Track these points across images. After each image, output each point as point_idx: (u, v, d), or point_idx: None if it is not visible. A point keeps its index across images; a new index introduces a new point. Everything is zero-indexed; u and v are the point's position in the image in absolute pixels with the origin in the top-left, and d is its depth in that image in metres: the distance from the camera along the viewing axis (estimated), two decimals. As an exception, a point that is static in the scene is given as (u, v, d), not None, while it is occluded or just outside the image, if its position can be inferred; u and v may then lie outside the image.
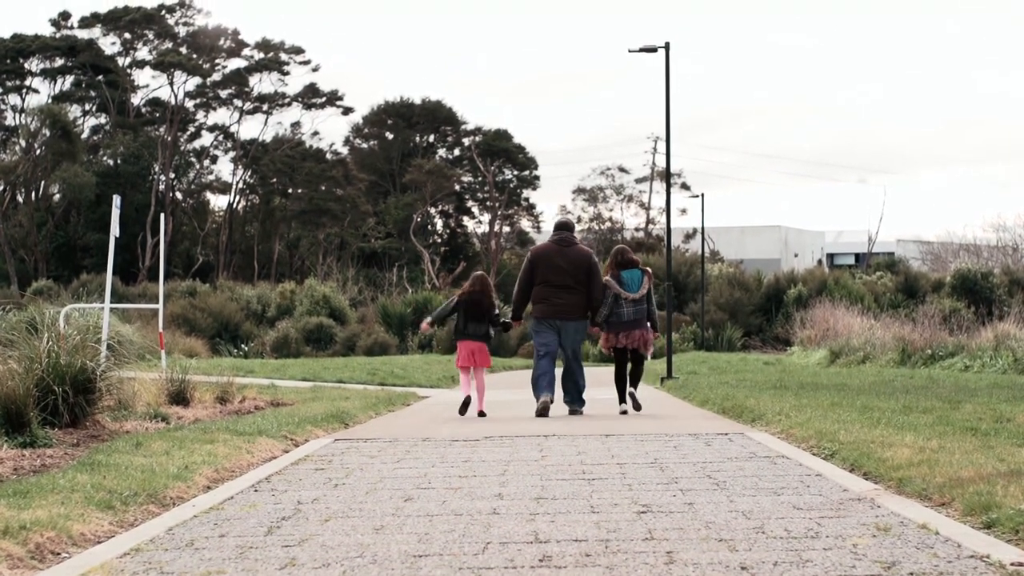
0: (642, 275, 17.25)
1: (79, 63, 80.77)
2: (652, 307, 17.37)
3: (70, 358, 13.31)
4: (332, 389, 24.66)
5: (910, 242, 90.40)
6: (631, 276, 17.19)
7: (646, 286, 17.27)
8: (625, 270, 17.22)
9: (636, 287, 17.19)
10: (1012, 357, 30.82)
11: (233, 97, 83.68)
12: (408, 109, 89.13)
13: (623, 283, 17.14)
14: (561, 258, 17.11)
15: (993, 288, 59.38)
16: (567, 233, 17.43)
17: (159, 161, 79.10)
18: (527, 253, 17.95)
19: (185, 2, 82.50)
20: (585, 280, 17.06)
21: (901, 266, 73.52)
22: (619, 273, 17.18)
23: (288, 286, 63.49)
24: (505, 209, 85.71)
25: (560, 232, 17.37)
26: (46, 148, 74.78)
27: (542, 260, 17.19)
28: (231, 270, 79.35)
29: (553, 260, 17.11)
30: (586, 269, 17.11)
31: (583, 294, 17.12)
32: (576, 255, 17.17)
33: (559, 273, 17.04)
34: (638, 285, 17.20)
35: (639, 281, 17.21)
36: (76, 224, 78.41)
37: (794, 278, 65.23)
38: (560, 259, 17.10)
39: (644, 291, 17.24)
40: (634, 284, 17.18)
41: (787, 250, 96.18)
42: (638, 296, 17.18)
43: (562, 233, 17.36)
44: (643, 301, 17.26)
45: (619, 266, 17.26)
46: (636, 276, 17.20)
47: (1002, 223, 77.63)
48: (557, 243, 17.27)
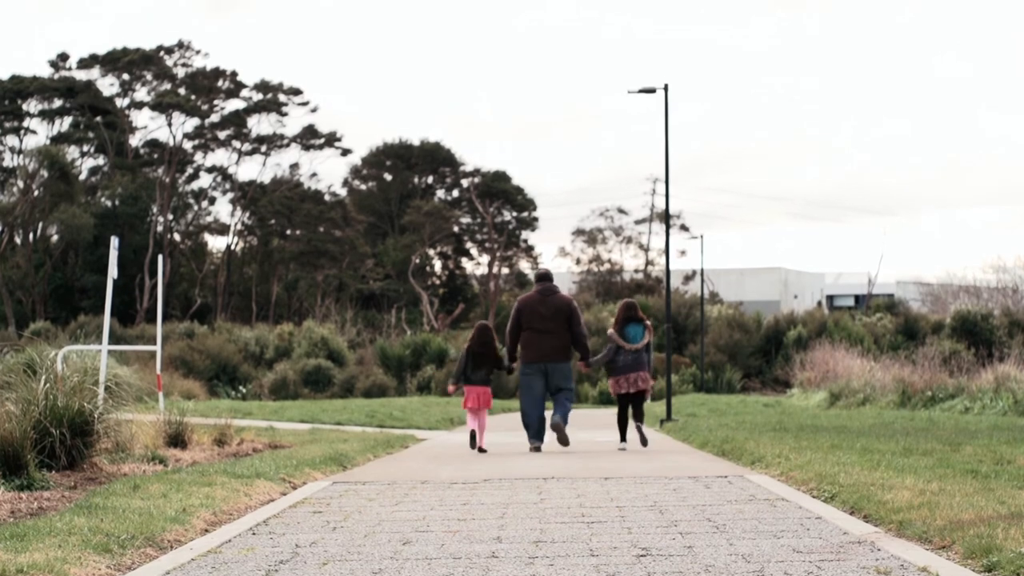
0: (644, 330, 19.09)
1: (77, 104, 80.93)
2: (648, 355, 19.18)
3: (68, 400, 13.26)
4: (330, 431, 24.60)
5: (910, 284, 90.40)
6: (634, 331, 19.06)
7: (646, 339, 19.10)
8: (629, 324, 19.11)
9: (637, 340, 19.05)
10: (1012, 399, 30.77)
11: (232, 138, 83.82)
12: (407, 150, 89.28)
13: (626, 337, 19.04)
14: (543, 306, 18.69)
15: (993, 330, 59.33)
16: (548, 283, 18.97)
17: (157, 202, 79.15)
18: (516, 303, 19.22)
19: (183, 43, 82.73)
20: (566, 324, 18.67)
21: (901, 308, 73.48)
22: (624, 328, 19.08)
23: (286, 328, 63.45)
24: (504, 250, 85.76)
25: (541, 283, 18.99)
26: (44, 189, 74.83)
27: (527, 309, 18.79)
28: (229, 312, 79.30)
29: (536, 309, 18.71)
30: (566, 315, 18.71)
31: (566, 337, 18.70)
32: (557, 303, 18.74)
33: (542, 320, 18.63)
34: (639, 338, 19.06)
35: (640, 335, 19.07)
36: (74, 265, 78.40)
37: (794, 320, 65.20)
38: (542, 307, 18.69)
39: (644, 343, 19.05)
40: (636, 338, 19.05)
41: (787, 292, 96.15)
42: (639, 347, 18.99)
43: (543, 283, 18.94)
44: (642, 351, 19.05)
45: (626, 320, 19.17)
46: (639, 331, 19.07)
47: (1002, 264, 77.49)
48: (540, 293, 18.84)
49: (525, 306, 18.89)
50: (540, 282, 19.07)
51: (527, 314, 18.78)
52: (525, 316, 18.78)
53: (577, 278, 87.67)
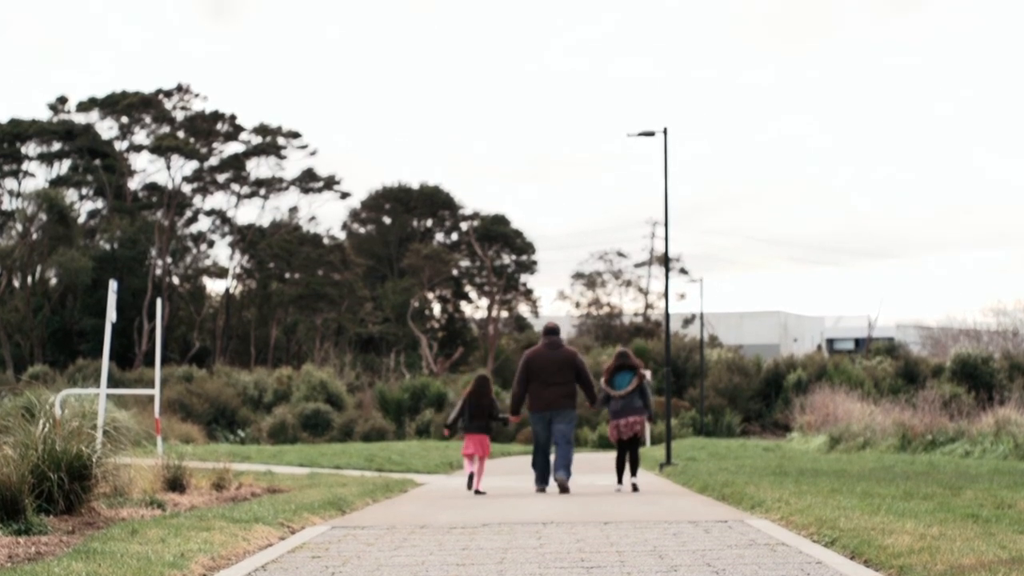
0: (632, 376, 20.24)
1: (76, 147, 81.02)
2: (646, 400, 20.36)
3: (66, 444, 13.22)
4: (329, 475, 24.54)
5: (910, 327, 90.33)
6: (622, 379, 20.26)
7: (633, 384, 20.20)
8: (619, 372, 20.34)
9: (624, 387, 20.23)
10: (1013, 443, 30.72)
11: (231, 181, 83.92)
12: (406, 194, 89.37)
13: (614, 384, 20.27)
14: (550, 360, 19.77)
15: (993, 373, 59.25)
16: (554, 337, 20.05)
17: (156, 246, 79.19)
18: (523, 356, 20.25)
19: (182, 86, 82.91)
20: (573, 376, 19.77)
21: (901, 351, 73.39)
22: (613, 376, 20.33)
23: (285, 371, 63.37)
24: (503, 294, 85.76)
25: (548, 336, 20.04)
26: (43, 232, 74.86)
27: (534, 362, 19.84)
28: (228, 355, 79.21)
29: (543, 361, 19.77)
30: (572, 367, 19.79)
31: (571, 388, 19.78)
32: (562, 356, 19.83)
33: (549, 372, 19.70)
34: (625, 385, 20.24)
35: (627, 382, 20.23)
36: (72, 309, 78.34)
37: (793, 363, 65.12)
38: (549, 360, 19.77)
39: (631, 388, 20.18)
40: (622, 384, 20.26)
41: (786, 335, 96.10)
42: (624, 393, 20.15)
43: (550, 337, 20.01)
44: (631, 396, 20.19)
45: (616, 369, 20.41)
46: (626, 378, 20.25)
47: (1002, 308, 77.36)
48: (547, 346, 19.91)
49: (533, 359, 19.88)
50: (548, 335, 20.07)
51: (535, 367, 19.78)
52: (533, 369, 19.79)
53: (576, 322, 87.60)
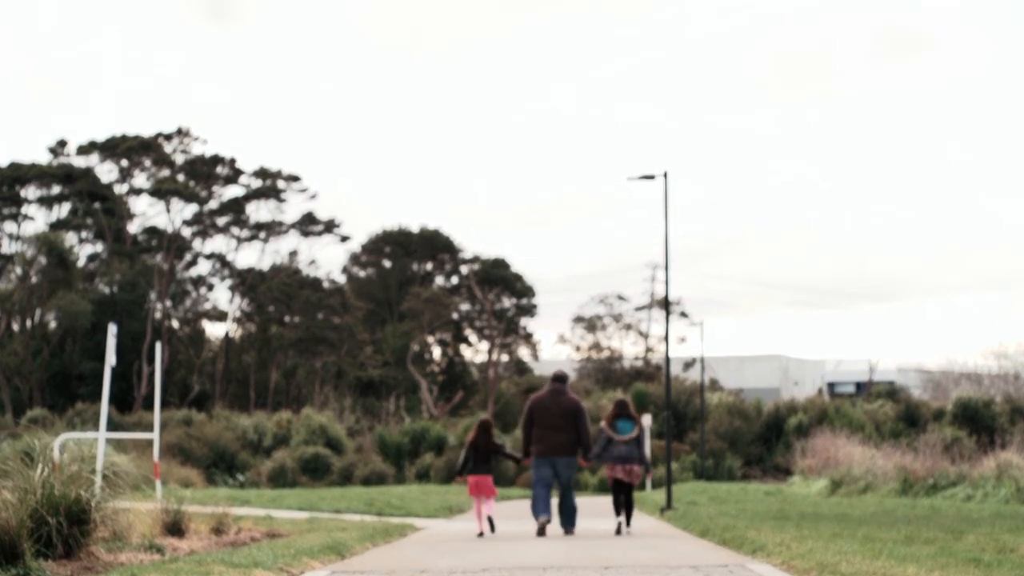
0: (633, 425, 21.50)
1: (76, 191, 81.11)
2: (642, 451, 21.62)
3: (65, 488, 13.17)
4: (328, 520, 24.45)
5: (911, 370, 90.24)
6: (624, 425, 21.48)
7: (635, 432, 21.47)
8: (620, 419, 21.57)
9: (626, 432, 21.44)
10: (1015, 486, 30.65)
11: (230, 225, 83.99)
12: (406, 237, 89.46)
13: (616, 429, 21.44)
14: (554, 406, 20.46)
15: (995, 416, 59.17)
16: (560, 384, 20.73)
17: (155, 289, 79.20)
18: (529, 401, 21.00)
19: (182, 130, 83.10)
20: (574, 424, 20.42)
21: (902, 394, 73.30)
22: (615, 422, 21.53)
23: (285, 415, 63.27)
24: (503, 337, 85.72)
25: (555, 383, 20.76)
26: (42, 276, 74.87)
27: (539, 408, 20.55)
28: (227, 399, 79.10)
29: (548, 408, 20.46)
30: (574, 415, 20.45)
31: (573, 434, 20.44)
32: (566, 403, 20.51)
33: (553, 418, 20.40)
34: (628, 431, 21.45)
35: (629, 429, 21.47)
36: (72, 352, 78.27)
37: (794, 407, 65.03)
38: (553, 407, 20.45)
39: (633, 435, 21.41)
40: (625, 431, 21.46)
41: (787, 379, 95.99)
42: (627, 439, 21.36)
43: (556, 384, 20.72)
44: (632, 443, 21.40)
45: (617, 416, 21.64)
46: (628, 426, 21.49)
47: (1003, 351, 77.28)
48: (551, 393, 20.64)
49: (538, 405, 20.62)
50: (554, 382, 20.81)
51: (539, 413, 20.52)
52: (537, 414, 20.53)
53: (577, 365, 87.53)
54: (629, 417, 21.59)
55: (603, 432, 21.44)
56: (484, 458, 20.82)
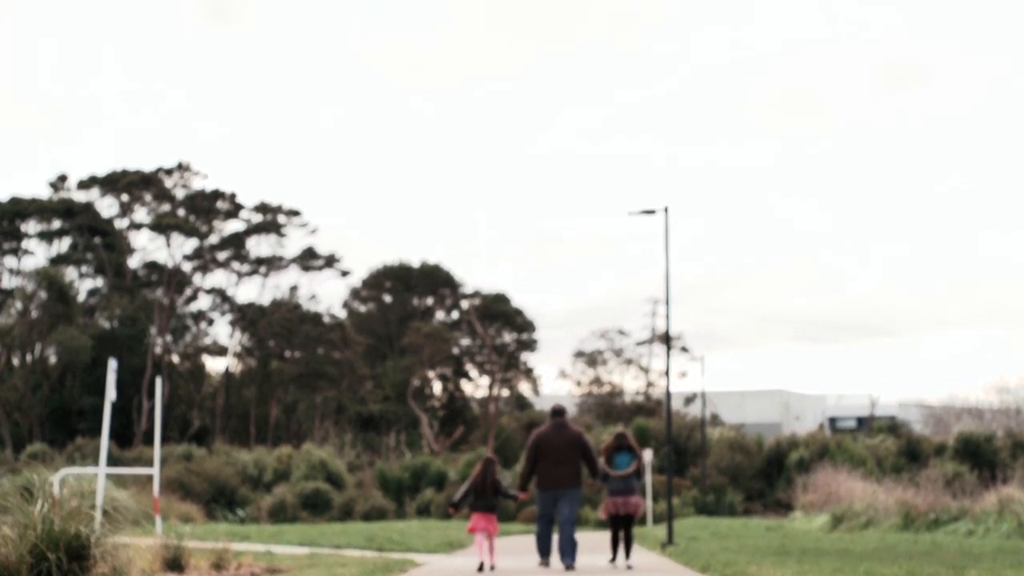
0: (632, 458, 21.76)
1: (76, 225, 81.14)
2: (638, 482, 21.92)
3: (64, 524, 13.13)
4: (329, 555, 24.38)
5: (912, 405, 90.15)
6: (622, 459, 21.75)
7: (633, 467, 21.70)
8: (618, 453, 21.82)
9: (624, 467, 21.69)
10: (1017, 521, 30.57)
11: (231, 259, 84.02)
12: (406, 272, 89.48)
13: (613, 464, 21.75)
14: (557, 439, 20.57)
15: (996, 451, 59.08)
16: (560, 418, 20.82)
17: (156, 324, 79.17)
18: (531, 436, 21.10)
19: (183, 165, 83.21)
20: (579, 455, 20.57)
21: (903, 429, 73.22)
22: (613, 455, 21.79)
23: (285, 451, 63.15)
24: (503, 372, 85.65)
25: (555, 418, 20.83)
26: (42, 310, 74.86)
27: (542, 442, 20.65)
28: (227, 434, 78.98)
29: (550, 442, 20.57)
30: (578, 446, 20.56)
31: (577, 466, 20.60)
32: (568, 436, 20.60)
33: (556, 452, 20.52)
34: (626, 465, 21.70)
35: (627, 463, 21.72)
36: (72, 387, 78.18)
37: (795, 442, 64.91)
38: (556, 440, 20.56)
39: (630, 470, 21.67)
40: (622, 465, 21.72)
41: (788, 414, 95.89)
42: (624, 473, 21.63)
43: (556, 419, 20.79)
44: (630, 477, 21.69)
45: (615, 449, 21.90)
46: (626, 459, 21.75)
47: (1004, 385, 77.25)
48: (553, 427, 20.70)
49: (540, 440, 20.75)
50: (554, 417, 20.91)
51: (542, 447, 20.65)
52: (542, 449, 20.66)
53: (577, 400, 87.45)
54: (628, 449, 21.83)
55: (600, 468, 21.57)
56: (488, 495, 20.89)
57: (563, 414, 21.09)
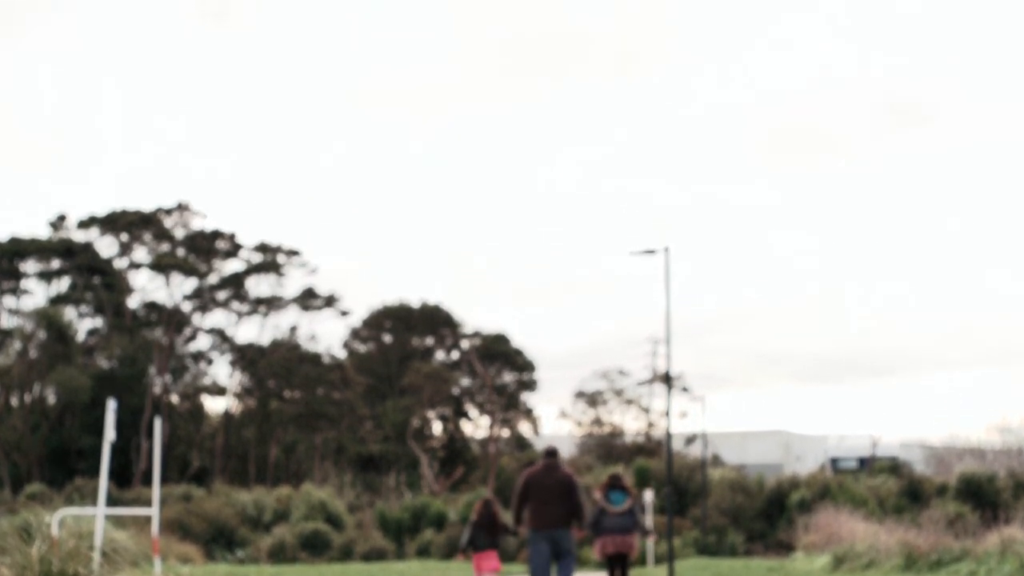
0: (626, 497, 22.85)
1: (76, 265, 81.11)
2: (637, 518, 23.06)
3: (63, 565, 13.04)
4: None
5: (914, 446, 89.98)
6: (616, 497, 22.84)
7: (627, 505, 22.79)
8: (612, 491, 22.93)
9: (619, 504, 22.79)
10: (1019, 562, 30.42)
11: (230, 299, 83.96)
12: (406, 313, 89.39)
13: (609, 501, 22.77)
14: (548, 480, 20.92)
15: (998, 492, 58.90)
16: (552, 460, 21.16)
17: (155, 364, 79.05)
18: (523, 475, 21.44)
19: (182, 205, 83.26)
20: (568, 497, 20.85)
21: (905, 470, 73.03)
22: (607, 493, 22.91)
23: (285, 491, 62.97)
24: (504, 412, 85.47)
25: (547, 459, 21.17)
26: (41, 350, 74.75)
27: (533, 482, 21.01)
28: (227, 474, 78.77)
29: (542, 482, 20.93)
30: (568, 489, 20.90)
31: (567, 508, 20.85)
32: (559, 478, 20.98)
33: (547, 493, 20.83)
34: (621, 503, 22.81)
35: (622, 501, 22.80)
36: (71, 427, 77.98)
37: (796, 482, 64.73)
38: (547, 481, 20.91)
39: (625, 508, 22.71)
40: (618, 502, 22.83)
41: (789, 454, 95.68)
42: (620, 511, 22.65)
43: (548, 460, 21.13)
44: (625, 515, 22.70)
45: (610, 488, 23.02)
46: (620, 498, 22.83)
47: (1006, 425, 77.09)
48: (545, 468, 21.05)
49: (532, 480, 21.07)
50: (547, 458, 21.23)
51: (534, 487, 20.96)
52: (532, 489, 20.96)
53: (578, 441, 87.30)
54: (622, 489, 22.87)
55: (596, 504, 22.75)
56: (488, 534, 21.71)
57: (555, 455, 21.46)
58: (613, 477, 23.23)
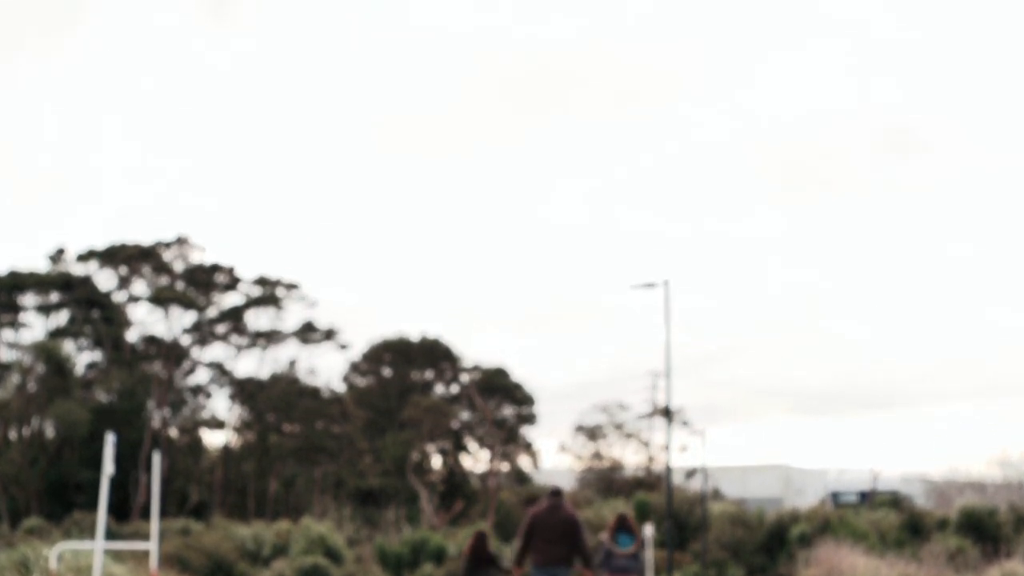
0: (633, 539, 23.84)
1: (74, 298, 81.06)
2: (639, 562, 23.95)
3: (61, 599, 12.94)
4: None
5: (915, 480, 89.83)
6: (624, 540, 23.81)
7: (634, 548, 23.72)
8: (621, 533, 23.91)
9: (626, 547, 23.73)
10: (1022, 597, 30.30)
11: (229, 333, 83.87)
12: (406, 346, 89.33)
13: (617, 543, 23.79)
14: (553, 519, 21.88)
15: (999, 526, 58.73)
16: (557, 499, 22.21)
17: (154, 398, 78.92)
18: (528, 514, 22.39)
19: (181, 238, 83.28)
20: (572, 536, 21.74)
21: (906, 504, 72.87)
22: (616, 535, 23.87)
23: (284, 525, 62.75)
24: (503, 446, 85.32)
25: (552, 498, 22.25)
26: (40, 384, 74.64)
27: (538, 521, 21.96)
28: (226, 508, 78.55)
29: (547, 521, 21.89)
30: (572, 527, 21.78)
31: (570, 546, 21.72)
32: (564, 517, 21.93)
33: (551, 531, 21.75)
34: (627, 546, 23.75)
35: (629, 543, 23.77)
36: (69, 461, 77.78)
37: (797, 516, 64.57)
38: (551, 520, 21.88)
39: (632, 550, 23.63)
40: (624, 544, 23.80)
41: (790, 488, 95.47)
42: (627, 553, 23.59)
43: (553, 499, 22.20)
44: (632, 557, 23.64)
45: (618, 530, 24.02)
46: (628, 540, 23.80)
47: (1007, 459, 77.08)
48: (550, 508, 22.07)
49: (537, 519, 22.02)
50: (552, 497, 22.32)
51: (539, 526, 21.89)
52: (538, 528, 21.88)
53: (578, 475, 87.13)
54: (629, 531, 23.88)
55: (604, 544, 23.88)
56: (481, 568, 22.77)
57: (560, 495, 22.49)
58: (621, 519, 24.15)
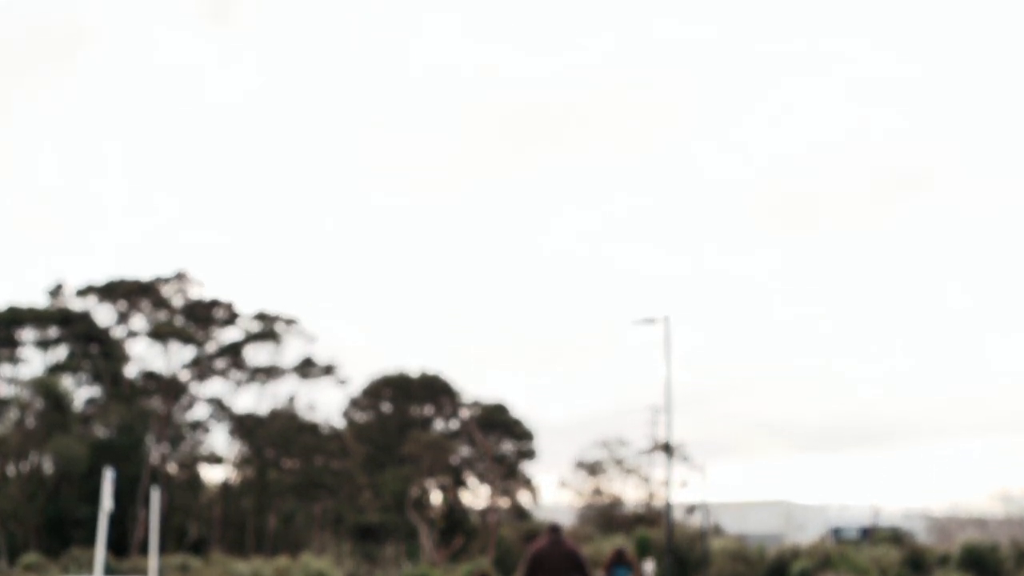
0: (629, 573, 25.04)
1: (73, 333, 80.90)
2: None
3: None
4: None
5: (916, 515, 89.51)
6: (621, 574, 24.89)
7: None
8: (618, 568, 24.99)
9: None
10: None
11: (228, 368, 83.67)
12: (405, 382, 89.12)
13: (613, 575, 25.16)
14: (555, 553, 22.76)
15: (1001, 561, 58.50)
16: (557, 535, 23.10)
17: (153, 433, 78.68)
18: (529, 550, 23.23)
19: (181, 274, 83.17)
20: (577, 569, 22.67)
21: (907, 540, 72.58)
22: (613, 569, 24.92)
23: (283, 561, 62.46)
24: (503, 482, 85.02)
25: (552, 534, 23.15)
26: (38, 419, 74.42)
27: (540, 556, 22.82)
28: (225, 544, 78.22)
29: (549, 555, 22.78)
30: (573, 559, 22.66)
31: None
32: (565, 550, 22.85)
33: (553, 564, 22.69)
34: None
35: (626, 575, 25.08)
36: (68, 496, 77.50)
37: (798, 552, 64.32)
38: (554, 554, 22.76)
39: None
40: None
41: (790, 524, 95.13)
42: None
43: (553, 535, 23.10)
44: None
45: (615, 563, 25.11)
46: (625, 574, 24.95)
47: (1008, 494, 76.82)
48: (551, 543, 22.97)
49: (539, 554, 22.87)
50: (552, 533, 23.15)
51: (540, 560, 22.77)
52: (538, 562, 22.78)
53: (578, 511, 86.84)
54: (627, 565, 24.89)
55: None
56: None
57: (559, 531, 23.37)
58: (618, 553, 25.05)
